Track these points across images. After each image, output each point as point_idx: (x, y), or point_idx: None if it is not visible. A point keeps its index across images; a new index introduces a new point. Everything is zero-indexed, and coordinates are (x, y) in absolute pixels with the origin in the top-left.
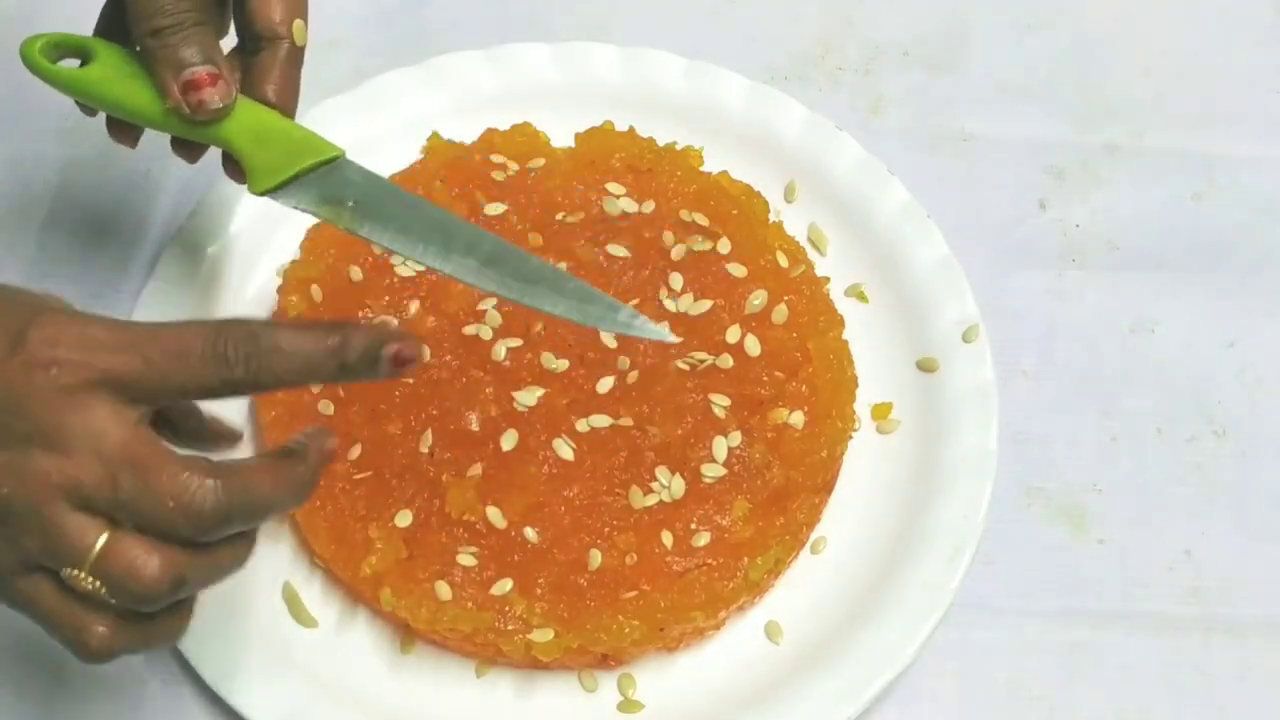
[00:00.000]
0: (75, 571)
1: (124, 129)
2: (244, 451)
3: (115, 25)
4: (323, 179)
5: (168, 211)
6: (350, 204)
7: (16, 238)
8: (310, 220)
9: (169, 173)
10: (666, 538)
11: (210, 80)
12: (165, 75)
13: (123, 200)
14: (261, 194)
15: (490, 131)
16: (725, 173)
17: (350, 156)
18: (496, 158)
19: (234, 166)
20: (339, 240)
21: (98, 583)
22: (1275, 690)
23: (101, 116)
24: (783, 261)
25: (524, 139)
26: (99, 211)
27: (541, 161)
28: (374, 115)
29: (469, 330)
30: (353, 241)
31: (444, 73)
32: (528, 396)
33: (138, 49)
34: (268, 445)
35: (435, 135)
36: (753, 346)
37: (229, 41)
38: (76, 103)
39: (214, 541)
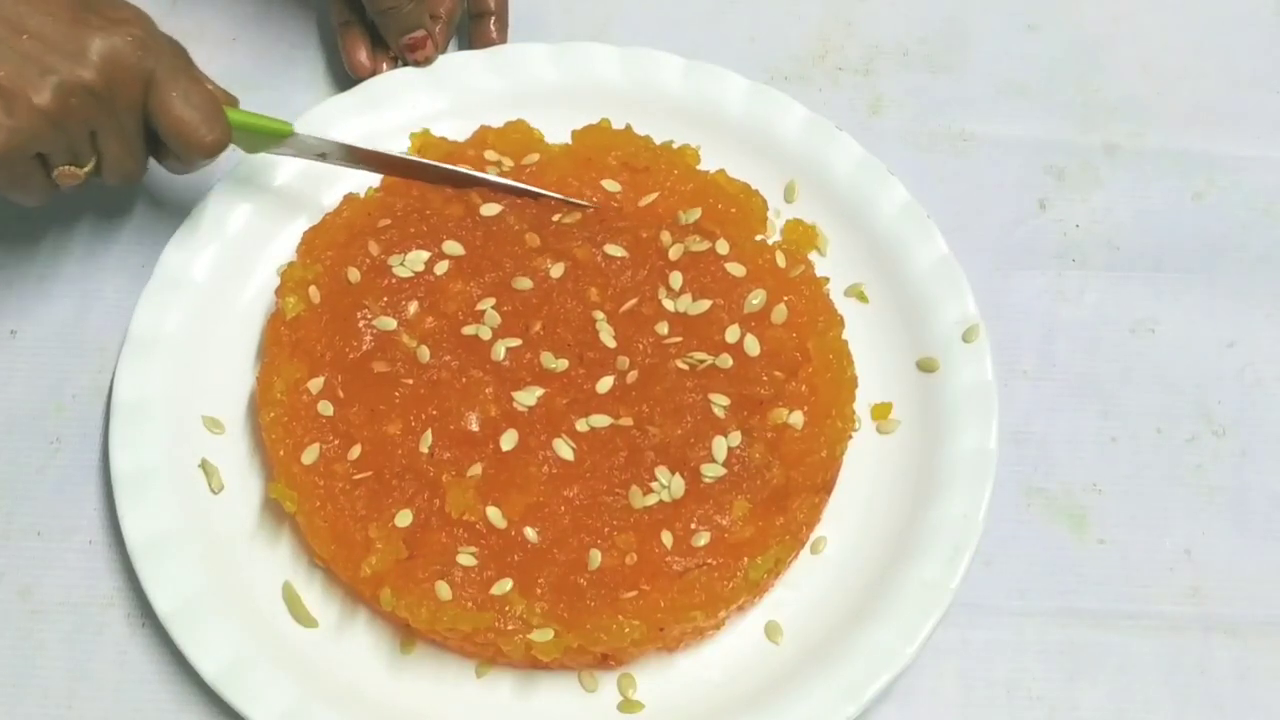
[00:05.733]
0: (74, 168)
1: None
2: (242, 449)
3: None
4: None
5: (167, 211)
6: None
7: (17, 238)
8: (306, 223)
9: (168, 173)
10: (666, 538)
11: (422, 42)
12: (392, 38)
13: (122, 200)
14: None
15: (484, 129)
16: (722, 170)
17: None
18: (490, 155)
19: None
20: (335, 243)
21: (83, 173)
22: (1275, 690)
23: None
24: (781, 261)
25: (518, 136)
26: (99, 211)
27: (536, 157)
28: (374, 115)
29: (468, 330)
30: (349, 244)
31: (444, 73)
32: (527, 396)
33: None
34: (267, 446)
35: (425, 132)
36: (752, 346)
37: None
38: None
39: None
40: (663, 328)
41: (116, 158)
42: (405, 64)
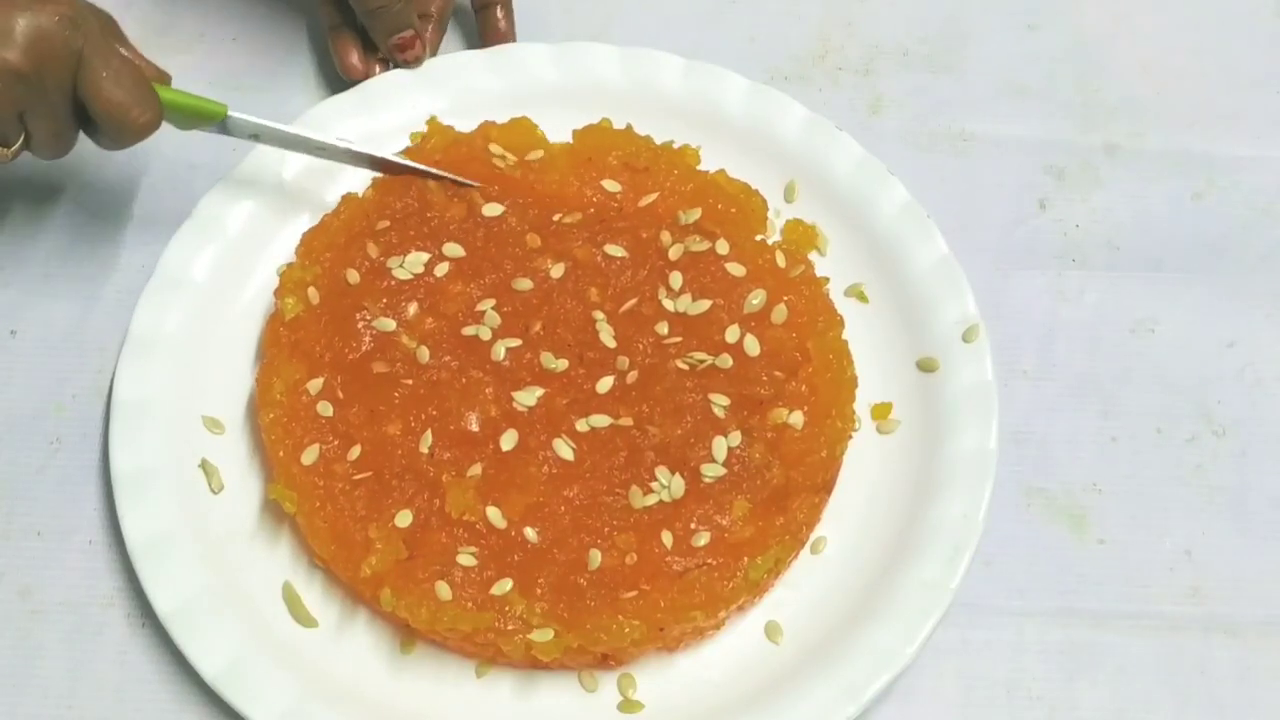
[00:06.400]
0: (2, 148)
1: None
2: (242, 449)
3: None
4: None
5: (167, 211)
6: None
7: (17, 238)
8: (306, 224)
9: (168, 173)
10: (666, 538)
11: (411, 42)
12: (381, 39)
13: (122, 200)
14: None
15: (486, 124)
16: (722, 170)
17: None
18: (495, 148)
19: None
20: (334, 244)
21: (10, 152)
22: (1275, 690)
23: None
24: (781, 261)
25: (521, 132)
26: (99, 211)
27: (540, 153)
28: (373, 116)
29: (468, 331)
30: (348, 245)
31: (444, 73)
32: (527, 396)
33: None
34: (267, 446)
35: (433, 119)
36: (752, 346)
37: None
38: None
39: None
40: (663, 328)
41: (46, 135)
42: (395, 65)
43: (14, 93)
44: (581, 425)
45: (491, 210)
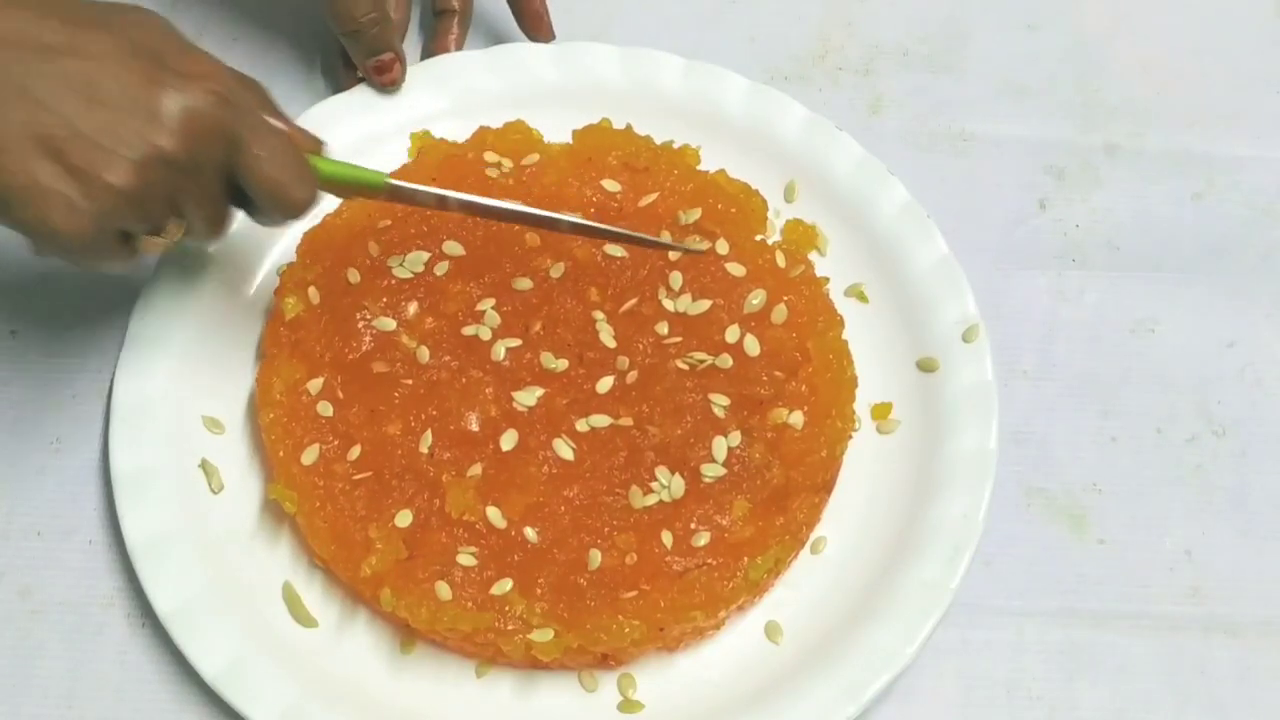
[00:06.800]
0: (158, 237)
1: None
2: (242, 449)
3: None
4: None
5: None
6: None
7: (17, 238)
8: (307, 224)
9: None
10: (666, 538)
11: (389, 65)
12: (359, 61)
13: None
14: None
15: (483, 130)
16: (722, 170)
17: (350, 156)
18: (490, 156)
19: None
20: (335, 244)
21: (169, 241)
22: (1275, 690)
23: None
24: (781, 261)
25: (518, 136)
26: None
27: (536, 157)
28: (374, 115)
29: (468, 331)
30: (348, 244)
31: (444, 73)
32: (527, 396)
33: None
34: (267, 446)
35: (425, 134)
36: (752, 346)
37: None
38: None
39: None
40: (663, 328)
41: (201, 220)
42: (374, 88)
43: (168, 181)
44: (581, 425)
45: None
